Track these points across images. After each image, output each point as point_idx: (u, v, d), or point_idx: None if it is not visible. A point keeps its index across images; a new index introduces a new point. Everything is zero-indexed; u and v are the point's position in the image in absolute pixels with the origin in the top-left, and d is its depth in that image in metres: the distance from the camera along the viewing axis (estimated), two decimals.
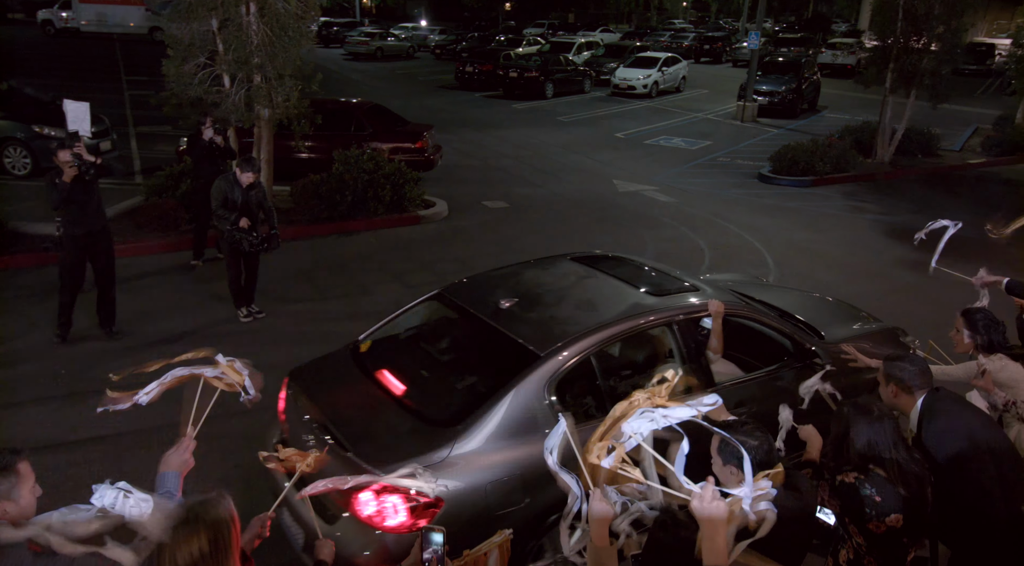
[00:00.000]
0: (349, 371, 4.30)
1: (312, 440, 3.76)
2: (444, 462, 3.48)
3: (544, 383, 3.76)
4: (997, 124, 18.28)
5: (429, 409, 3.87)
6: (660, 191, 13.33)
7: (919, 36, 14.61)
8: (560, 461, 2.41)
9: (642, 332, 4.27)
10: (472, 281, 4.88)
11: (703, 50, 39.62)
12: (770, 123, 21.10)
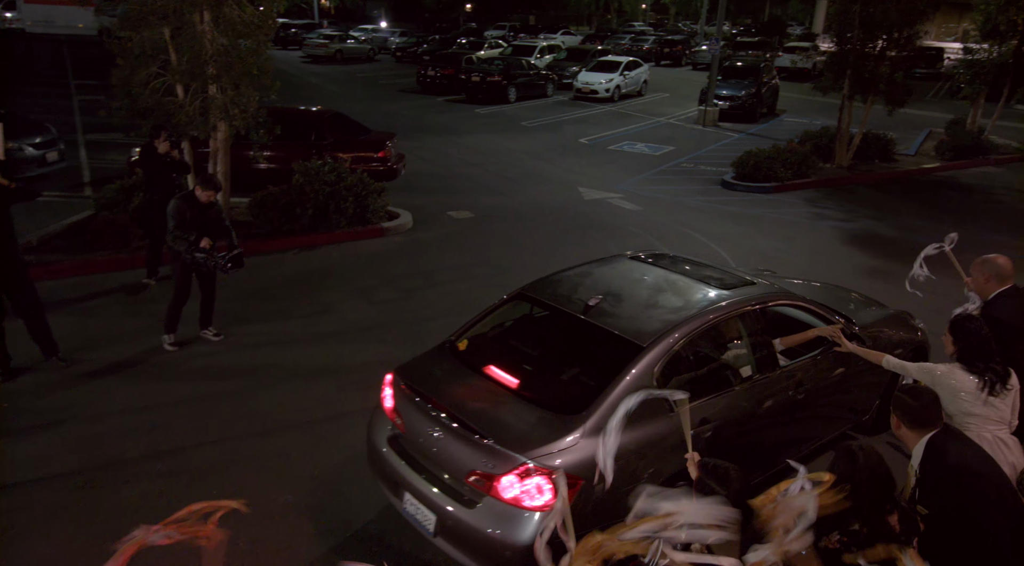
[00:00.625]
0: (456, 367, 4.57)
1: (438, 430, 4.06)
2: (576, 446, 3.79)
3: (650, 372, 4.13)
4: (949, 128, 18.71)
5: (550, 399, 4.15)
6: (625, 199, 13.31)
7: (875, 43, 14.86)
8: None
9: (721, 322, 4.64)
10: (548, 281, 5.13)
11: (663, 53, 40.00)
12: (731, 127, 21.31)
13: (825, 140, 16.38)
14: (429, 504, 4.03)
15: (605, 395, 4.00)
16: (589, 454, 3.60)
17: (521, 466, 3.70)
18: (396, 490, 4.29)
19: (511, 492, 3.73)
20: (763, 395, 4.68)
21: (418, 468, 4.19)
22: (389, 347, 7.21)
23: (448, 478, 4.04)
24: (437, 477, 4.09)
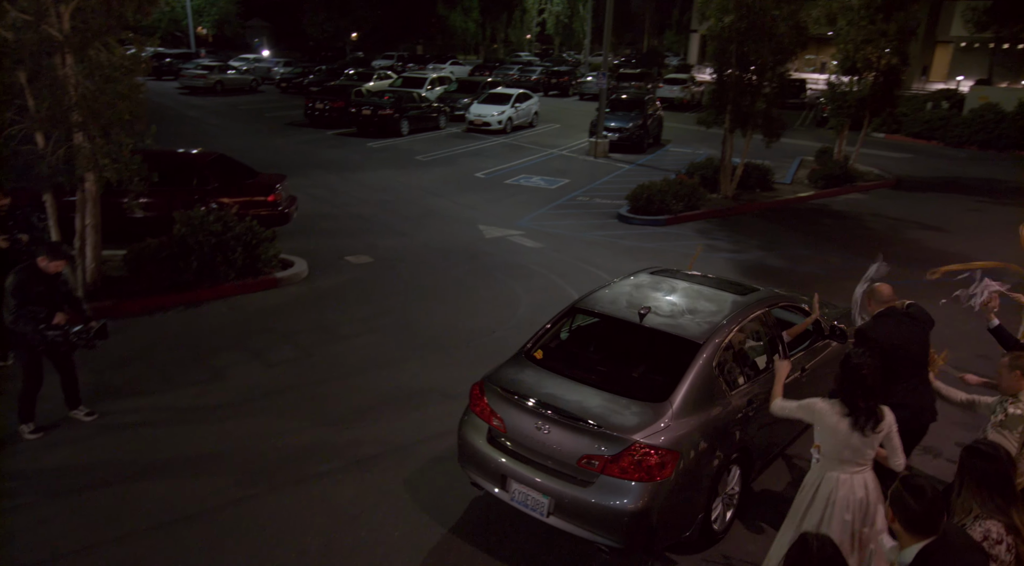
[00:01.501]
0: (539, 371, 5.27)
1: (541, 424, 4.76)
2: (670, 426, 4.61)
3: (710, 363, 5.01)
4: (819, 157, 20.02)
5: (636, 390, 4.95)
6: (526, 236, 13.28)
7: (751, 79, 15.67)
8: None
9: (750, 321, 5.60)
10: (594, 298, 5.87)
11: (551, 83, 40.93)
12: (621, 158, 21.91)
13: (710, 171, 17.07)
14: (540, 489, 4.70)
15: (681, 384, 4.84)
16: (679, 433, 4.63)
17: (632, 446, 4.49)
18: (502, 482, 4.93)
19: (625, 468, 4.48)
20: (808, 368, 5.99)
21: (523, 460, 4.87)
22: (288, 420, 6.71)
23: (555, 464, 4.73)
24: (544, 465, 4.78)
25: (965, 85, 41.44)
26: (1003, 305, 6.01)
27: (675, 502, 4.59)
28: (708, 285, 6.13)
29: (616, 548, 4.60)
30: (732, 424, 5.03)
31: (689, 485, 4.64)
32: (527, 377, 5.20)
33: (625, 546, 4.56)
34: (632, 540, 4.52)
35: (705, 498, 4.85)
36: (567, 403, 4.82)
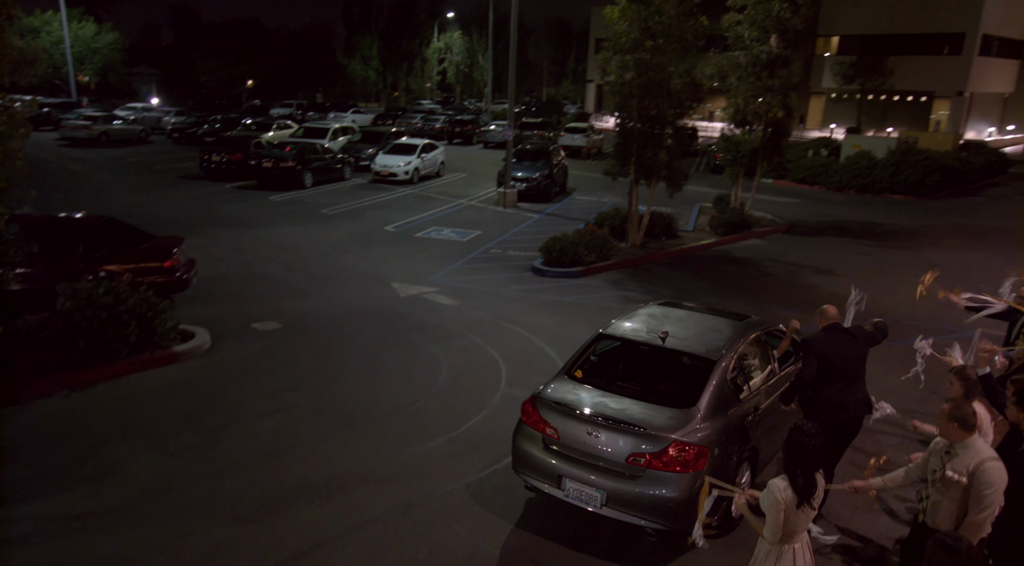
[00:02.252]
0: (582, 387, 6.18)
1: (591, 430, 5.69)
2: (701, 427, 5.59)
3: (725, 376, 6.03)
4: (716, 203, 20.91)
5: (667, 399, 5.93)
6: (442, 293, 13.02)
7: (653, 134, 16.22)
8: None
9: (750, 342, 6.66)
10: (618, 326, 6.88)
11: (455, 132, 41.23)
12: (530, 208, 22.12)
13: (618, 221, 17.45)
14: (594, 484, 5.62)
15: (705, 392, 5.85)
16: (707, 433, 5.62)
17: (673, 444, 5.45)
18: (557, 482, 5.83)
19: (667, 463, 5.44)
20: (777, 388, 6.79)
21: (576, 462, 5.76)
22: (194, 520, 6.08)
23: (605, 463, 5.63)
24: (595, 465, 5.68)
25: (838, 132, 44.88)
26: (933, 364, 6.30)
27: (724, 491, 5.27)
28: (709, 314, 7.32)
29: (661, 530, 5.55)
30: (744, 426, 6.08)
31: (717, 475, 5.40)
32: (573, 392, 6.12)
33: (670, 528, 5.52)
34: (676, 522, 5.47)
35: (742, 476, 6.08)
36: (613, 411, 5.77)
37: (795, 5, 18.59)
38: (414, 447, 7.49)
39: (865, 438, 7.42)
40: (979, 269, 14.99)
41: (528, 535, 6.13)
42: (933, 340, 7.17)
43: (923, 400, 8.63)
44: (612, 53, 16.22)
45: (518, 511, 6.44)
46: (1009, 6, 44.46)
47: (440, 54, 67.91)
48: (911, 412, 8.05)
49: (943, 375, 5.65)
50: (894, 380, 8.49)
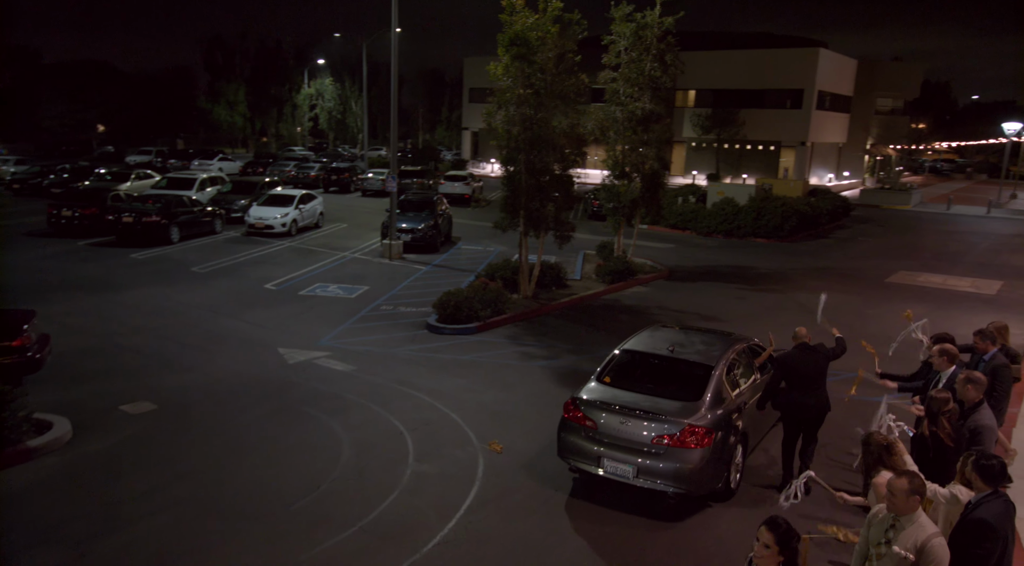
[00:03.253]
0: (612, 389, 7.98)
1: (623, 420, 7.48)
2: (707, 415, 7.39)
3: (721, 377, 7.86)
4: (600, 251, 21.43)
5: (680, 396, 7.68)
6: (334, 357, 12.30)
7: (540, 187, 16.41)
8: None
9: (737, 353, 8.56)
10: (636, 342, 8.86)
11: (331, 180, 40.13)
12: (417, 259, 21.70)
13: (508, 272, 17.40)
14: (627, 462, 7.35)
15: (707, 390, 7.69)
16: (711, 419, 7.40)
17: (687, 427, 7.22)
18: (597, 462, 7.53)
19: (684, 441, 7.18)
20: (757, 389, 8.62)
21: (611, 446, 7.47)
22: None
23: (636, 445, 7.35)
24: (628, 447, 7.39)
25: (700, 179, 47.86)
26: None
27: (714, 461, 7.39)
28: (700, 332, 9.55)
29: (680, 493, 7.32)
30: (735, 416, 7.87)
31: (720, 452, 7.43)
32: (605, 393, 7.93)
33: (687, 491, 7.32)
34: (692, 487, 7.29)
35: (727, 463, 7.66)
36: (640, 405, 7.58)
37: (664, 64, 19.66)
38: (322, 541, 6.82)
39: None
40: (846, 311, 16.09)
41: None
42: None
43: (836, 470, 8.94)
44: (497, 107, 16.37)
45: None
46: (838, 66, 49.64)
47: (312, 100, 66.53)
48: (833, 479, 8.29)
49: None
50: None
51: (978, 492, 4.66)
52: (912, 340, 9.27)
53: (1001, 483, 4.59)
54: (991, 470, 4.57)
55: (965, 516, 4.58)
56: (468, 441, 9.18)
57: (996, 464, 4.61)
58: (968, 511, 4.60)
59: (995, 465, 4.60)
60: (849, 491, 6.18)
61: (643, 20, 19.23)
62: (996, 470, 4.58)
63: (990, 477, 4.56)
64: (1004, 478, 4.59)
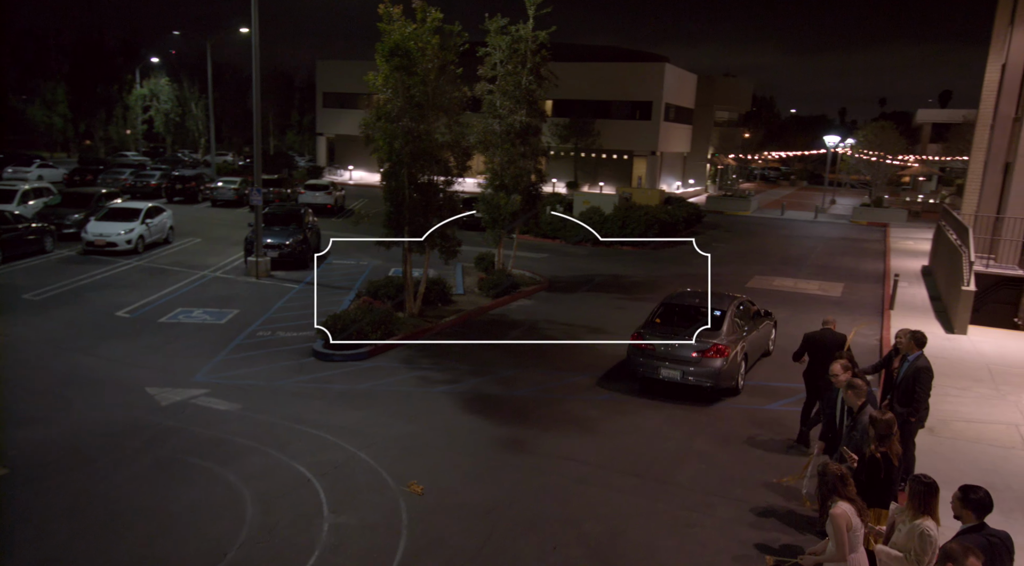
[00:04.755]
0: (661, 327, 12.14)
1: (670, 345, 11.55)
2: (724, 339, 11.51)
3: (732, 318, 12.07)
4: (479, 263, 21.19)
5: (707, 329, 11.64)
6: (213, 395, 11.12)
7: (425, 202, 15.90)
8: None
9: (739, 304, 12.70)
10: (671, 297, 13.22)
11: (176, 189, 36.92)
12: (286, 277, 20.38)
13: (392, 290, 16.73)
14: (676, 369, 11.41)
15: (724, 325, 11.75)
16: (728, 341, 11.53)
17: (714, 345, 11.32)
18: (655, 369, 11.58)
19: (713, 354, 11.30)
20: (752, 329, 12.74)
21: (662, 359, 11.51)
22: None
23: (682, 358, 11.38)
24: (676, 360, 11.42)
25: (560, 187, 49.10)
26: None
27: (731, 367, 11.46)
28: (714, 294, 13.00)
29: (711, 386, 11.43)
30: (741, 343, 11.88)
31: (733, 362, 11.53)
32: (656, 329, 11.99)
33: (714, 385, 11.41)
34: (718, 382, 11.35)
35: (737, 370, 11.73)
36: (683, 335, 11.55)
37: (540, 78, 19.81)
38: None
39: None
40: None
41: None
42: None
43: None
44: (375, 120, 15.69)
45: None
46: (681, 80, 52.86)
47: (145, 101, 61.06)
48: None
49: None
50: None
51: (966, 524, 4.86)
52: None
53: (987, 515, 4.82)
54: (981, 503, 4.78)
55: None
56: (384, 484, 8.55)
57: (985, 497, 4.83)
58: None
59: (983, 498, 4.81)
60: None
61: (517, 33, 19.27)
62: (986, 503, 4.79)
63: (981, 510, 4.77)
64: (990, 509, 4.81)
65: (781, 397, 12.04)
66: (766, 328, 13.94)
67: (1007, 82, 25.61)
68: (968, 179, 33.69)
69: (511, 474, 8.90)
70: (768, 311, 14.62)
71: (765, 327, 13.83)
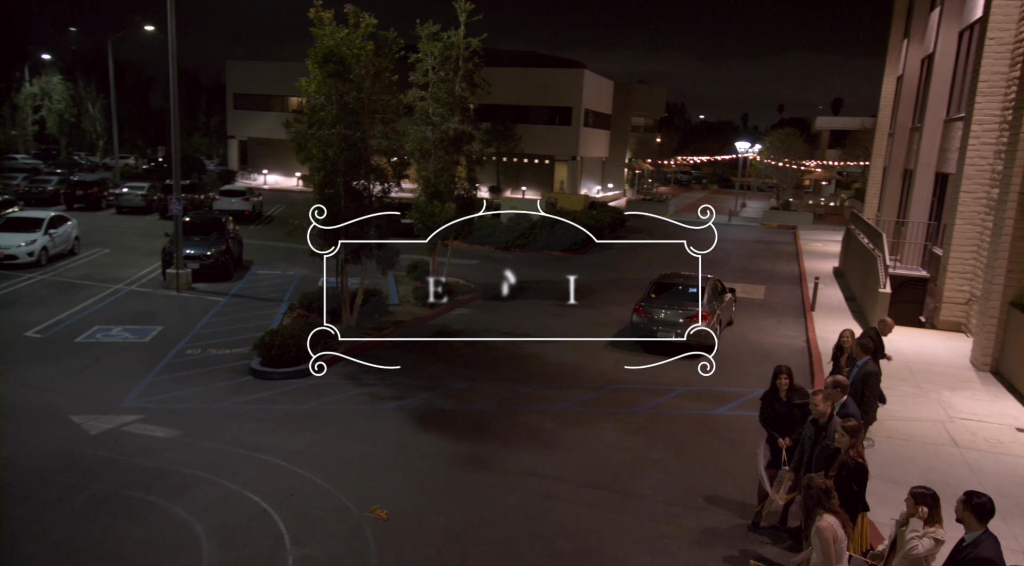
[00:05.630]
0: (653, 300, 15.55)
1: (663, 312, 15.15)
2: (705, 306, 15.06)
3: (710, 292, 15.84)
4: (411, 272, 20.86)
5: (691, 300, 15.23)
6: (148, 420, 10.45)
7: (362, 212, 15.51)
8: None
9: (711, 283, 16.31)
10: (661, 277, 16.71)
11: (76, 195, 34.60)
12: (209, 289, 19.44)
13: (330, 302, 16.21)
14: (671, 333, 14.75)
15: (704, 296, 15.23)
16: (709, 309, 15.14)
17: (698, 312, 14.79)
18: (653, 333, 14.98)
19: (698, 319, 14.66)
20: (722, 301, 16.74)
21: (659, 324, 15.01)
22: None
23: (674, 324, 14.84)
24: (667, 326, 14.90)
25: (483, 192, 49.05)
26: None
27: (711, 329, 14.64)
28: (691, 275, 16.50)
29: (696, 344, 14.27)
30: (717, 310, 15.61)
31: (713, 326, 14.87)
32: (652, 303, 15.30)
33: (699, 342, 14.35)
34: (702, 341, 14.36)
35: (716, 331, 15.08)
36: (674, 305, 15.10)
37: (473, 85, 19.71)
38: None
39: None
40: None
41: None
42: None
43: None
44: (308, 127, 15.21)
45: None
46: (599, 87, 53.90)
47: (36, 101, 56.89)
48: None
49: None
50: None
51: (970, 530, 5.08)
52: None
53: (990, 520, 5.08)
54: (983, 508, 5.02)
55: (967, 556, 4.96)
56: (345, 510, 8.24)
57: (987, 502, 5.07)
58: (967, 550, 5.00)
59: (986, 503, 5.06)
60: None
61: (449, 40, 19.10)
62: (988, 508, 5.03)
63: (983, 515, 5.01)
64: (992, 514, 5.07)
65: (727, 401, 12.40)
66: (730, 301, 17.65)
67: (904, 94, 27.40)
68: (869, 184, 35.90)
69: (476, 493, 8.75)
70: (732, 288, 18.24)
71: (729, 300, 17.55)
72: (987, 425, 11.02)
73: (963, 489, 8.61)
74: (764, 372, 13.84)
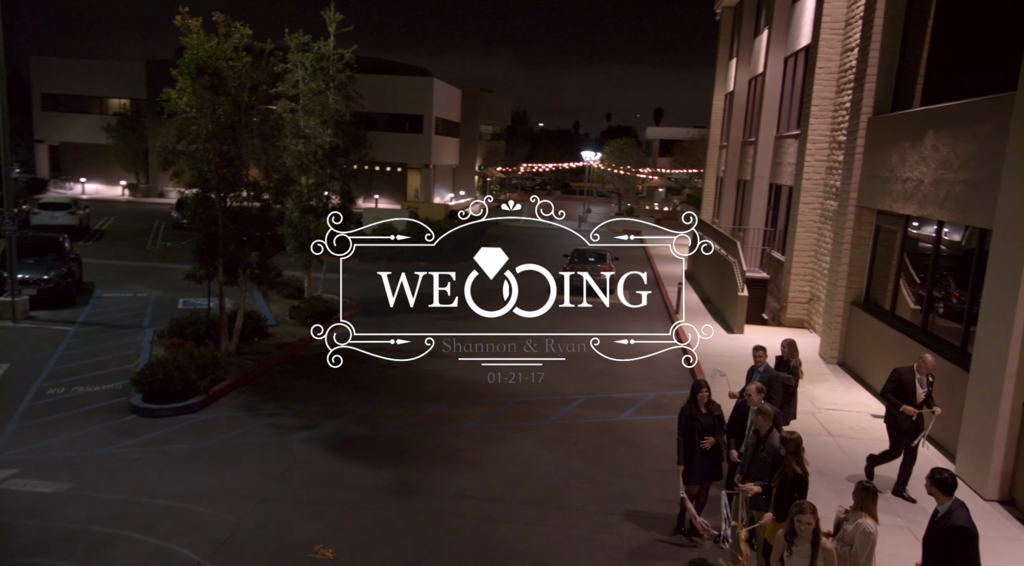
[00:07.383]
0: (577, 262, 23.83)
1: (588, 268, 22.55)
2: (609, 264, 24.33)
3: (609, 256, 25.14)
4: (284, 289, 20.02)
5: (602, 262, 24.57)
6: (26, 474, 9.34)
7: (241, 232, 14.73)
8: None
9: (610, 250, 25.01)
10: (577, 250, 24.49)
11: None
12: (52, 317, 17.49)
13: (202, 327, 15.24)
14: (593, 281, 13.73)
15: (608, 259, 24.91)
16: (612, 267, 24.09)
17: (607, 267, 23.62)
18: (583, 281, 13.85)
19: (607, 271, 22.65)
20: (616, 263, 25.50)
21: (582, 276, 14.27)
22: None
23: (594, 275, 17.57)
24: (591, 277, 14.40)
25: (334, 200, 47.66)
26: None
27: (615, 279, 17.88)
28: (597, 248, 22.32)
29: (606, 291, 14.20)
30: (614, 267, 23.26)
31: (614, 279, 17.77)
32: (576, 264, 23.41)
33: (610, 289, 15.20)
34: (612, 287, 16.28)
35: (618, 280, 14.80)
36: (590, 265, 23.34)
37: (348, 98, 19.31)
38: None
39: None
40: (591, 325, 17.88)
41: None
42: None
43: None
44: (177, 140, 14.24)
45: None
46: (448, 95, 54.35)
47: None
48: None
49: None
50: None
51: (941, 503, 5.84)
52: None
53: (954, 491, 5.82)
54: (946, 482, 5.80)
55: (942, 526, 5.69)
56: (285, 554, 7.88)
57: (949, 476, 5.85)
58: (942, 521, 5.73)
59: (948, 478, 5.84)
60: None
61: (320, 51, 18.58)
62: (950, 481, 5.81)
63: (947, 488, 5.78)
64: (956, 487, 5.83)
65: (626, 407, 13.14)
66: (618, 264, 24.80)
67: (735, 110, 30.26)
68: (704, 192, 39.18)
69: (416, 522, 8.70)
70: (616, 256, 25.79)
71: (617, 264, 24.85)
72: (849, 414, 12.61)
73: (847, 474, 9.91)
74: (650, 377, 14.87)
